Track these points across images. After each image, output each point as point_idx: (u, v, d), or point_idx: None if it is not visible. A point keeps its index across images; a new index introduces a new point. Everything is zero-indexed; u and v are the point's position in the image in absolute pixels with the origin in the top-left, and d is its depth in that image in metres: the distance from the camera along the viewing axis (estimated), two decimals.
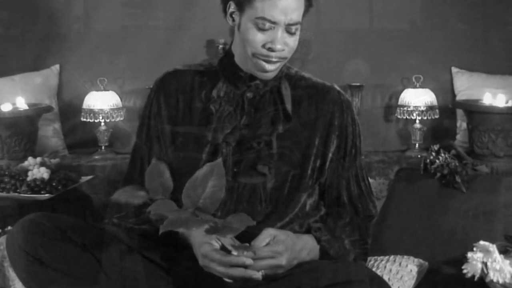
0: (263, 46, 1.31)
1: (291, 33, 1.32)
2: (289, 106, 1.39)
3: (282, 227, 1.35)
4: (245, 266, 1.21)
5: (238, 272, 1.21)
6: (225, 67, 1.42)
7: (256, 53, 1.32)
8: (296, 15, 1.30)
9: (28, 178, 2.01)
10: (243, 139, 1.37)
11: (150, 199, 1.14)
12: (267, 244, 1.26)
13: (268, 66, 1.34)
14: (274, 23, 1.29)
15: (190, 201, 1.11)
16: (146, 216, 1.35)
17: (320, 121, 1.41)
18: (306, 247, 1.33)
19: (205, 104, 1.40)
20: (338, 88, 1.46)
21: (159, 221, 1.14)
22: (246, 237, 1.26)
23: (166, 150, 1.42)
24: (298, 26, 1.33)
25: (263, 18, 1.28)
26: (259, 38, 1.30)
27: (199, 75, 1.44)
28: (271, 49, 1.31)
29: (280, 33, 1.30)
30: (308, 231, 1.39)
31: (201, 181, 1.11)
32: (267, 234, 1.27)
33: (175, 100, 1.43)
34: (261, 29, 1.29)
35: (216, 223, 1.10)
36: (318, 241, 1.36)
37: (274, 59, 1.33)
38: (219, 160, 1.15)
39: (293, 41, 1.34)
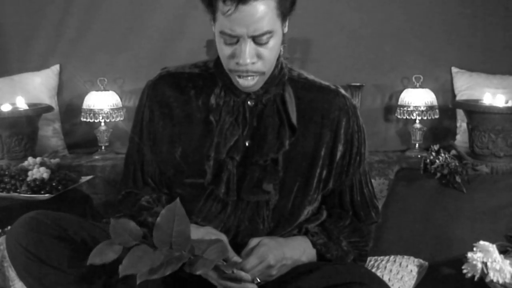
0: (231, 60, 1.22)
1: (262, 44, 1.20)
2: (294, 118, 1.33)
3: (281, 236, 1.35)
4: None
5: (235, 286, 1.21)
6: (221, 70, 1.32)
7: (228, 68, 1.25)
8: (261, 25, 1.17)
9: (28, 178, 2.01)
10: (247, 154, 1.32)
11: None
12: (252, 250, 1.26)
13: (242, 82, 1.25)
14: (235, 36, 1.19)
15: (163, 243, 1.13)
16: (145, 218, 1.34)
17: (326, 130, 1.36)
18: (299, 247, 1.32)
19: (203, 114, 1.33)
20: (343, 92, 1.40)
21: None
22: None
23: (161, 165, 1.38)
24: (270, 35, 1.20)
25: (224, 33, 1.19)
26: (226, 52, 1.22)
27: (195, 79, 1.36)
28: (238, 64, 1.21)
29: (244, 46, 1.19)
30: (306, 234, 1.37)
31: (166, 224, 1.13)
32: (253, 243, 1.27)
33: (169, 109, 1.35)
34: (226, 43, 1.21)
35: (191, 258, 1.12)
36: (314, 244, 1.35)
37: (244, 74, 1.23)
38: (177, 200, 1.14)
39: (268, 52, 1.22)
